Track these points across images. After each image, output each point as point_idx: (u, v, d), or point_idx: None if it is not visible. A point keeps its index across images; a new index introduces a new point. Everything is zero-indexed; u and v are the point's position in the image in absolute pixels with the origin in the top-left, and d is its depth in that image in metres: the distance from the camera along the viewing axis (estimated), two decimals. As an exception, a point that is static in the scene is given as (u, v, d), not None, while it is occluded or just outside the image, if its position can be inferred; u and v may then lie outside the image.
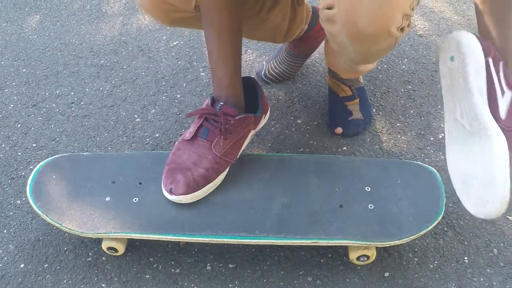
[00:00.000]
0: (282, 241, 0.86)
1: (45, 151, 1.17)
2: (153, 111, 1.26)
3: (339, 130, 1.15)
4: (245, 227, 0.88)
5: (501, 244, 0.95)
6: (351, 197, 0.91)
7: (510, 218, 0.99)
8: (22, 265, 0.96)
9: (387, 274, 0.92)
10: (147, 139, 1.19)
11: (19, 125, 1.25)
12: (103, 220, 0.90)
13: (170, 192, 0.90)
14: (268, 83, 1.30)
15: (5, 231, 1.01)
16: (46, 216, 0.90)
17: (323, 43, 1.23)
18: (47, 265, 0.95)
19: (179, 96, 1.30)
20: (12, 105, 1.30)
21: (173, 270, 0.94)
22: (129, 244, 0.97)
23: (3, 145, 1.20)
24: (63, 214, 0.90)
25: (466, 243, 0.96)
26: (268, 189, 0.94)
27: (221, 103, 0.94)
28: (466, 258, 0.93)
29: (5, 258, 0.97)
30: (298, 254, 0.95)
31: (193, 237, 0.87)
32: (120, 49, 1.46)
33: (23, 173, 1.12)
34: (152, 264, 0.95)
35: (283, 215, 0.89)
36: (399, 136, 1.16)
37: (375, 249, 0.90)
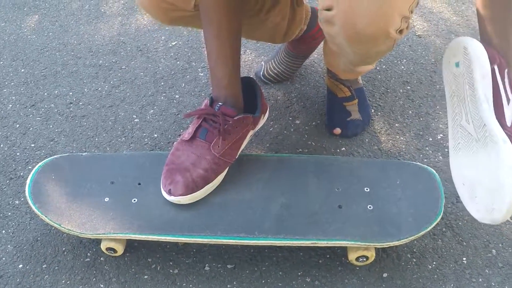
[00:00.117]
0: (281, 241, 0.86)
1: (43, 151, 1.17)
2: (151, 111, 1.26)
3: (337, 131, 1.15)
4: (244, 227, 0.88)
5: (500, 245, 0.95)
6: (350, 198, 0.91)
7: (510, 219, 0.99)
8: (20, 266, 0.95)
9: (385, 275, 0.92)
10: (146, 140, 1.19)
11: (17, 125, 1.24)
12: (102, 221, 0.89)
13: (169, 193, 0.90)
14: (266, 84, 1.30)
15: (3, 231, 1.01)
16: (45, 216, 0.90)
17: (322, 43, 1.23)
18: (45, 265, 0.95)
19: (177, 96, 1.30)
20: (10, 105, 1.30)
21: (171, 270, 0.94)
22: (128, 245, 0.97)
23: (1, 145, 1.19)
24: (62, 214, 0.90)
25: (464, 243, 0.96)
26: (267, 190, 0.94)
27: (220, 103, 0.94)
28: (464, 258, 0.94)
29: (3, 259, 0.97)
30: (296, 254, 0.95)
31: (192, 237, 0.87)
32: (119, 49, 1.46)
33: (21, 173, 1.12)
34: (151, 264, 0.95)
35: (282, 216, 0.89)
36: (397, 136, 1.16)
37: (374, 249, 0.90)
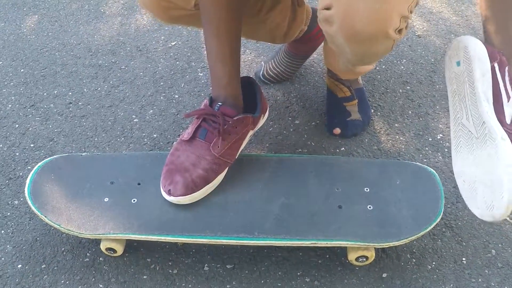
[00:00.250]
0: (281, 242, 0.86)
1: (43, 151, 1.17)
2: (151, 111, 1.26)
3: (337, 131, 1.15)
4: (244, 228, 0.88)
5: (499, 245, 0.95)
6: (350, 198, 0.91)
7: (508, 219, 0.99)
8: (19, 266, 0.95)
9: (385, 275, 0.92)
10: (145, 140, 1.19)
11: (17, 125, 1.24)
12: (101, 221, 0.89)
13: (169, 193, 0.90)
14: (266, 84, 1.30)
15: (2, 231, 1.01)
16: (45, 216, 0.89)
17: (322, 43, 1.23)
18: (44, 265, 0.95)
19: (177, 96, 1.30)
20: (10, 105, 1.30)
21: (170, 270, 0.94)
22: (127, 245, 0.97)
23: (0, 145, 1.19)
24: (61, 214, 0.90)
25: (464, 244, 0.96)
26: (267, 190, 0.94)
27: (219, 103, 0.93)
28: (464, 259, 0.94)
29: (2, 259, 0.96)
30: (296, 255, 0.95)
31: (192, 238, 0.87)
32: (118, 49, 1.46)
33: (20, 174, 1.12)
34: (150, 264, 0.95)
35: (282, 216, 0.89)
36: (397, 136, 1.16)
37: (374, 250, 0.90)
